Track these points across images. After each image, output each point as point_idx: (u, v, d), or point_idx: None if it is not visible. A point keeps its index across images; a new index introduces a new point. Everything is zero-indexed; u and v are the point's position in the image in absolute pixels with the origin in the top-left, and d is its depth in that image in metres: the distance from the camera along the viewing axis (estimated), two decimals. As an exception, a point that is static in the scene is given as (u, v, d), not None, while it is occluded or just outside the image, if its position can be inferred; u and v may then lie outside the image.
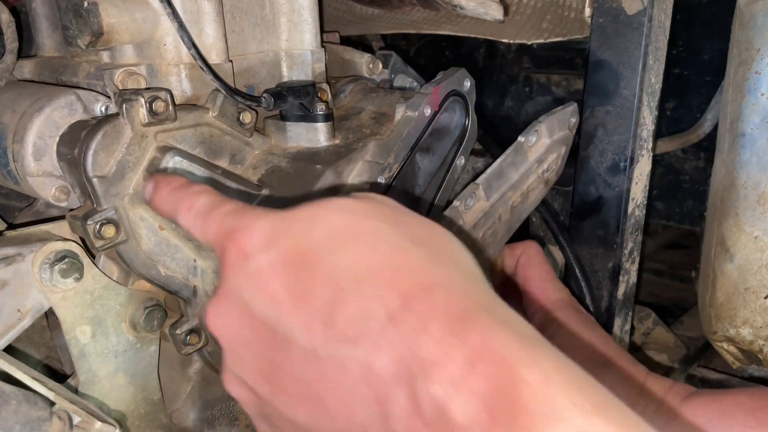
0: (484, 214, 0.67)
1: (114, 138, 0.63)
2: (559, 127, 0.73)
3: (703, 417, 0.58)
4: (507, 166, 0.68)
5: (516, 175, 0.69)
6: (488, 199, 0.67)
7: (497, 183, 0.68)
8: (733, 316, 0.85)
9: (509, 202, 0.70)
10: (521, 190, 0.70)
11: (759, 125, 0.81)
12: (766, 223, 0.80)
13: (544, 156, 0.72)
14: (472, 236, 0.66)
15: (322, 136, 0.72)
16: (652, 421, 0.58)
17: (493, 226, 0.70)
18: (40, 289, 0.61)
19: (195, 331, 0.72)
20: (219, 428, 0.80)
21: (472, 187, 0.66)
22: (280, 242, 0.41)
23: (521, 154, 0.69)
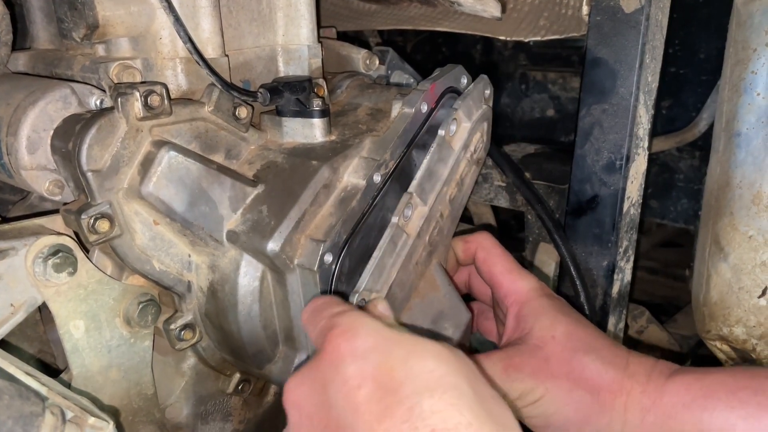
0: (425, 219, 0.65)
1: (109, 132, 0.62)
2: (475, 106, 0.71)
3: (687, 396, 0.58)
4: (435, 164, 0.66)
5: (446, 170, 0.67)
6: (425, 203, 0.65)
7: (430, 184, 0.66)
8: (727, 315, 0.85)
9: (446, 197, 0.68)
10: (455, 181, 0.69)
11: (754, 125, 0.81)
12: (760, 223, 0.80)
13: (468, 140, 0.70)
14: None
15: (318, 131, 0.72)
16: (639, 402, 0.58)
17: (437, 225, 0.68)
18: (34, 283, 0.60)
19: (189, 326, 0.72)
20: (212, 423, 0.80)
21: (405, 197, 0.64)
22: (377, 358, 0.46)
23: (446, 147, 0.67)
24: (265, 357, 0.72)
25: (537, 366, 0.63)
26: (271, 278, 0.69)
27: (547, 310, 0.67)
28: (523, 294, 0.69)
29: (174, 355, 0.75)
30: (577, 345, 0.64)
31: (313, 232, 0.66)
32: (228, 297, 0.69)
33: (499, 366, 0.63)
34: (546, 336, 0.64)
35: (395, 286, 0.64)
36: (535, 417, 0.63)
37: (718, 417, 0.56)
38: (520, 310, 0.68)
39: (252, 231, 0.66)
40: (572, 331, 0.65)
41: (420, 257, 0.67)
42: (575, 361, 0.63)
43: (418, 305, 0.68)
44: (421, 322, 0.67)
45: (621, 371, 0.62)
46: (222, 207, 0.68)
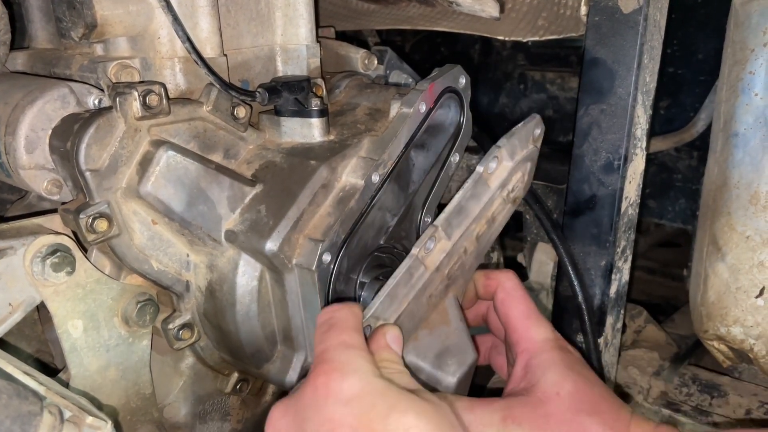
0: (447, 253, 0.63)
1: (107, 131, 0.62)
2: (521, 146, 0.67)
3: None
4: (467, 200, 0.64)
5: (478, 207, 0.65)
6: (449, 238, 0.63)
7: (458, 220, 0.64)
8: (724, 315, 0.85)
9: (474, 234, 0.66)
10: (486, 218, 0.67)
11: (752, 125, 0.81)
12: (758, 223, 0.81)
13: (507, 179, 0.67)
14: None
15: (317, 131, 0.72)
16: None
17: (459, 260, 0.66)
18: (32, 282, 0.60)
19: (187, 326, 0.72)
20: (211, 423, 0.80)
21: (430, 229, 0.62)
22: (358, 408, 0.49)
23: (482, 184, 0.64)
24: (263, 356, 0.72)
25: (537, 422, 0.61)
26: (270, 278, 0.69)
27: (556, 365, 0.65)
28: (536, 344, 0.67)
29: (172, 354, 0.75)
30: (581, 406, 0.62)
31: (311, 232, 0.66)
32: (226, 296, 0.69)
33: (498, 415, 0.61)
34: (551, 392, 0.63)
35: (404, 315, 0.62)
36: None
37: None
38: (529, 360, 0.66)
39: (250, 231, 0.66)
40: (579, 390, 0.63)
41: (435, 290, 0.66)
42: (576, 422, 0.61)
43: (426, 336, 0.66)
44: (425, 354, 0.66)
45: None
46: (220, 207, 0.68)
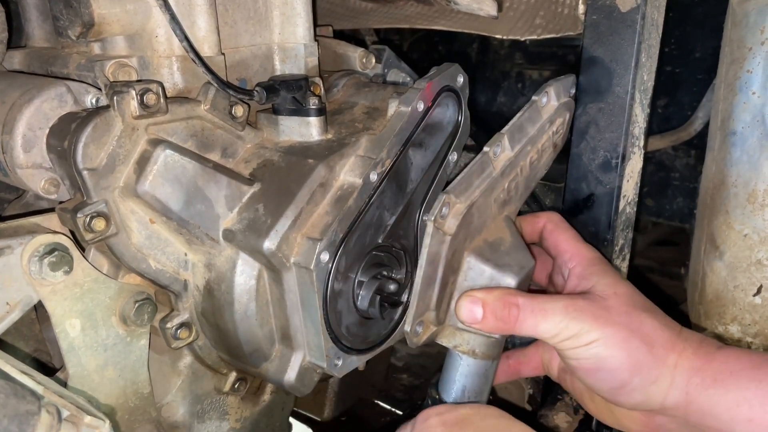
0: (510, 162, 0.72)
1: (104, 130, 0.62)
2: (564, 92, 0.77)
3: (736, 364, 0.61)
4: (525, 120, 0.73)
5: (533, 130, 0.74)
6: (512, 149, 0.72)
7: (519, 135, 0.73)
8: (722, 313, 0.85)
9: (528, 156, 0.75)
10: (537, 147, 0.75)
11: (750, 124, 0.81)
12: (755, 221, 0.81)
13: (553, 117, 0.76)
14: None
15: (315, 130, 0.72)
16: (690, 362, 0.62)
17: (516, 179, 0.74)
18: (29, 281, 0.60)
19: (185, 325, 0.72)
20: (209, 422, 0.80)
21: (498, 136, 0.71)
22: (451, 413, 0.64)
23: (536, 111, 0.74)
24: (262, 356, 0.72)
25: (598, 312, 0.65)
26: (268, 277, 0.69)
27: (609, 272, 0.71)
28: (587, 258, 0.73)
29: (170, 353, 0.75)
30: (638, 304, 0.67)
31: (309, 231, 0.66)
32: (224, 296, 0.69)
33: (561, 303, 0.65)
34: (608, 291, 0.68)
35: (475, 208, 0.68)
36: (586, 359, 0.65)
37: (764, 388, 0.59)
38: (583, 270, 0.72)
39: (248, 230, 0.66)
40: (633, 292, 0.69)
41: (498, 197, 0.73)
42: (634, 315, 0.65)
43: (488, 242, 0.72)
44: (489, 255, 0.70)
45: (675, 333, 0.65)
46: (218, 205, 0.68)
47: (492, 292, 0.68)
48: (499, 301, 0.66)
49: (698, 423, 0.63)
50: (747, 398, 0.59)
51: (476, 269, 0.71)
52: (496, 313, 0.67)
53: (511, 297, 0.67)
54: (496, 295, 0.67)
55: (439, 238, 0.67)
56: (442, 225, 0.66)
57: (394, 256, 0.74)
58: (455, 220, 0.67)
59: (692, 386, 0.62)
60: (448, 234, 0.67)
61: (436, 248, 0.67)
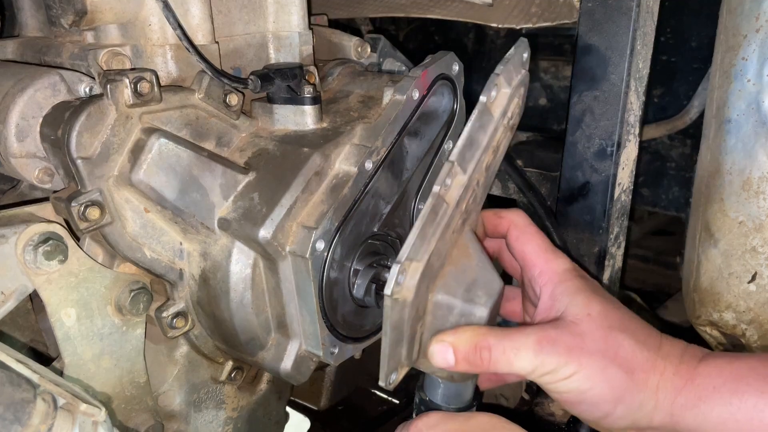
0: (464, 187, 0.64)
1: (98, 119, 0.62)
2: (515, 71, 0.68)
3: (718, 379, 0.59)
4: (476, 132, 0.65)
5: (485, 138, 0.66)
6: (465, 172, 0.64)
7: (470, 153, 0.65)
8: (717, 300, 0.86)
9: (483, 165, 0.67)
10: (492, 148, 0.68)
11: (745, 111, 0.81)
12: (750, 208, 0.81)
13: (507, 106, 0.68)
14: None
15: (310, 119, 0.72)
16: (672, 383, 0.60)
17: (474, 192, 0.68)
18: (24, 271, 0.60)
19: (181, 314, 0.72)
20: (205, 411, 0.80)
21: (447, 166, 0.63)
22: (442, 425, 0.64)
23: (486, 114, 0.66)
24: (258, 344, 0.72)
25: (572, 342, 0.62)
26: (263, 266, 0.69)
27: (582, 290, 0.66)
28: (558, 274, 0.68)
29: (166, 343, 0.75)
30: (613, 323, 0.63)
31: (304, 220, 0.66)
32: (220, 284, 0.69)
33: (532, 338, 0.62)
34: (581, 314, 0.64)
35: (433, 255, 0.62)
36: (567, 393, 0.63)
37: (748, 401, 0.57)
38: (554, 289, 0.68)
39: (243, 218, 0.66)
40: (607, 311, 0.64)
41: (456, 226, 0.66)
42: (610, 339, 0.62)
43: (452, 273, 0.67)
44: (455, 290, 0.66)
45: (654, 351, 0.62)
46: (213, 194, 0.68)
47: (462, 335, 0.64)
48: (470, 345, 0.63)
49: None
50: (732, 413, 0.58)
51: (445, 307, 0.66)
52: (468, 358, 0.64)
53: (481, 339, 0.63)
54: (466, 338, 0.64)
55: (400, 306, 0.61)
56: (400, 293, 0.60)
57: (389, 245, 0.74)
58: (413, 281, 0.60)
59: (677, 407, 0.61)
60: (408, 298, 0.61)
61: (398, 316, 0.61)
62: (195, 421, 0.79)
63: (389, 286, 0.58)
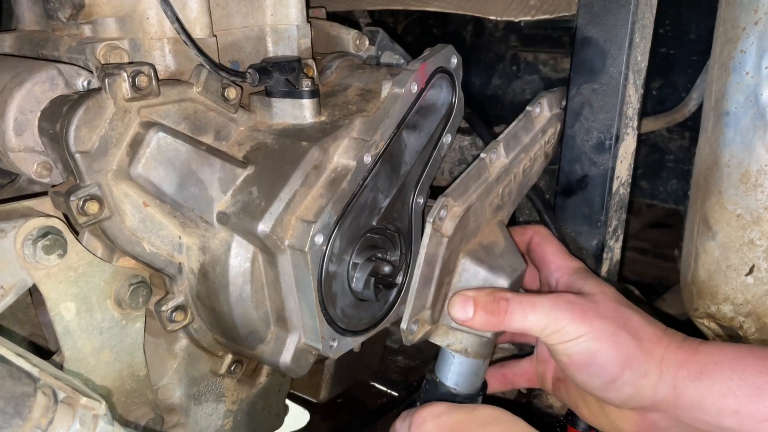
0: (505, 169, 0.76)
1: (96, 113, 0.62)
2: (555, 104, 0.82)
3: (720, 356, 0.62)
4: (519, 129, 0.78)
5: (527, 139, 0.79)
6: (507, 156, 0.76)
7: (514, 143, 0.77)
8: (715, 293, 0.86)
9: (522, 164, 0.79)
10: (530, 155, 0.80)
11: (743, 104, 0.81)
12: (748, 201, 0.81)
13: (546, 127, 0.81)
14: None
15: (308, 112, 0.72)
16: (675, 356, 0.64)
17: (510, 185, 0.78)
18: (23, 265, 0.60)
19: (181, 308, 0.72)
20: (206, 404, 0.80)
21: (494, 143, 0.75)
22: (446, 416, 0.64)
23: (530, 121, 0.79)
24: (257, 338, 0.72)
25: (586, 306, 0.67)
26: (262, 259, 0.69)
27: (594, 278, 0.74)
28: (573, 268, 0.76)
29: (166, 336, 0.75)
30: (623, 302, 0.70)
31: (303, 213, 0.66)
32: (219, 278, 0.69)
33: (549, 297, 0.67)
34: (595, 290, 0.70)
35: (471, 212, 0.71)
36: (577, 354, 0.66)
37: (747, 379, 0.60)
38: (569, 278, 0.75)
39: (242, 212, 0.66)
40: (618, 293, 0.71)
41: (493, 202, 0.76)
42: (621, 310, 0.68)
43: (482, 245, 0.75)
44: (483, 258, 0.73)
45: (661, 329, 0.67)
46: (212, 188, 0.68)
47: (483, 291, 0.71)
48: (489, 297, 0.69)
49: (688, 417, 0.65)
50: (732, 389, 0.61)
51: (471, 271, 0.73)
52: (486, 307, 0.68)
53: (500, 293, 0.69)
54: (486, 293, 0.70)
55: (437, 240, 0.69)
56: (440, 227, 0.68)
57: (388, 238, 0.74)
58: (452, 222, 0.69)
59: (679, 379, 0.64)
60: (446, 236, 0.69)
61: (434, 249, 0.69)
62: (195, 414, 0.79)
63: (432, 215, 0.68)
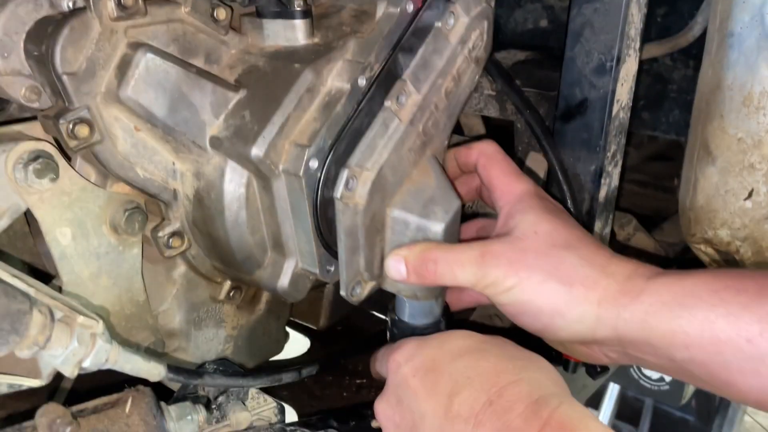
0: (419, 107, 0.68)
1: (82, 33, 0.60)
2: (474, 2, 0.72)
3: (667, 295, 0.59)
4: (429, 54, 0.69)
5: (441, 62, 0.69)
6: (419, 91, 0.68)
7: (424, 73, 0.68)
8: (712, 218, 0.86)
9: (442, 89, 0.70)
10: (451, 75, 0.71)
11: (748, 24, 0.79)
12: (750, 125, 0.80)
13: (466, 35, 0.71)
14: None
15: (301, 33, 0.70)
16: (615, 299, 0.60)
17: (432, 117, 0.70)
18: (15, 189, 0.60)
19: (177, 234, 0.72)
20: (206, 329, 0.81)
21: (399, 84, 0.67)
22: (418, 355, 0.64)
23: (441, 39, 0.69)
24: (254, 263, 0.72)
25: (514, 257, 0.64)
26: (257, 185, 0.68)
27: (534, 209, 0.68)
28: (516, 195, 0.70)
29: (164, 263, 0.76)
30: (557, 241, 0.65)
31: (297, 137, 0.65)
32: (214, 204, 0.69)
33: (476, 252, 0.65)
34: (528, 231, 0.66)
35: (386, 168, 0.66)
36: (509, 304, 0.66)
37: (698, 315, 0.56)
38: (510, 209, 0.69)
39: (235, 137, 0.66)
40: (555, 229, 0.66)
41: (413, 145, 0.69)
42: (552, 255, 0.64)
43: (410, 191, 0.70)
44: (412, 206, 0.69)
45: (598, 269, 0.63)
46: (204, 112, 0.67)
47: (414, 249, 0.68)
48: (419, 258, 0.67)
49: (636, 351, 0.62)
50: (681, 326, 0.57)
51: (402, 222, 0.69)
52: (416, 270, 0.67)
53: (429, 253, 0.67)
54: (416, 252, 0.68)
55: (352, 211, 0.64)
56: (351, 199, 0.64)
57: (384, 164, 0.73)
58: (364, 188, 0.64)
59: (621, 322, 0.61)
60: (360, 204, 0.64)
61: (350, 221, 0.65)
62: (196, 338, 0.81)
63: (338, 190, 0.63)
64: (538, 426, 0.52)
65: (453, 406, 0.57)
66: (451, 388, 0.59)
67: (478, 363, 0.60)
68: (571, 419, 0.52)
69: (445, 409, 0.58)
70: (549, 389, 0.57)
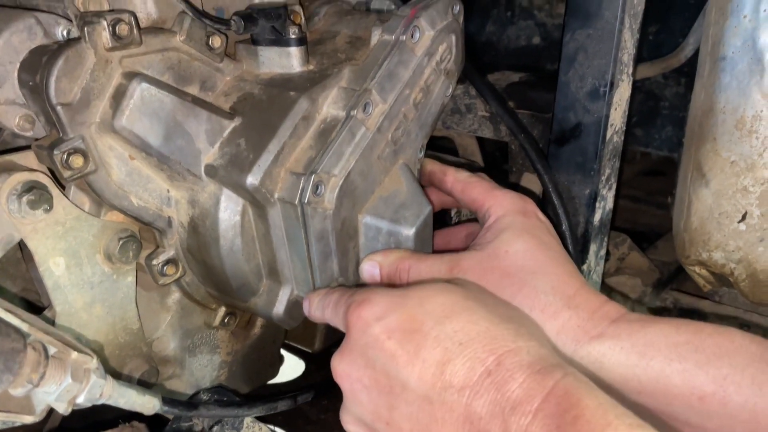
0: (386, 116, 0.69)
1: (77, 63, 0.60)
2: (439, 17, 0.73)
3: (627, 342, 0.57)
4: (395, 66, 0.70)
5: (407, 73, 0.71)
6: (386, 101, 0.69)
7: (390, 84, 0.69)
8: (707, 240, 0.86)
9: (410, 99, 0.72)
10: (419, 86, 0.72)
11: (740, 48, 0.80)
12: (742, 148, 0.80)
13: (432, 48, 0.73)
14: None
15: (296, 61, 0.70)
16: (574, 334, 0.59)
17: (402, 126, 0.72)
18: (9, 220, 0.60)
19: (171, 261, 0.71)
20: (200, 356, 0.81)
21: (365, 93, 0.68)
22: (393, 314, 0.55)
23: (406, 51, 0.71)
24: (250, 290, 0.72)
25: (479, 274, 0.63)
26: (252, 213, 0.68)
27: (513, 227, 0.66)
28: (502, 209, 0.69)
29: (158, 290, 0.75)
30: (527, 263, 0.63)
31: (292, 166, 0.65)
32: (209, 232, 0.68)
33: (446, 265, 0.65)
34: (500, 249, 0.64)
35: (355, 174, 0.67)
36: None
37: (654, 367, 0.56)
38: (492, 223, 0.68)
39: (230, 165, 0.65)
40: (529, 250, 0.64)
41: (383, 153, 0.71)
42: (517, 277, 0.62)
43: (382, 198, 0.71)
44: (384, 212, 0.70)
45: (563, 299, 0.61)
46: (199, 140, 0.66)
47: (389, 256, 0.69)
48: (392, 265, 0.68)
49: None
50: (636, 374, 0.56)
51: (374, 228, 0.70)
52: (390, 277, 0.68)
53: (402, 262, 0.67)
54: (390, 259, 0.68)
55: (321, 216, 0.65)
56: (320, 203, 0.64)
57: (379, 189, 0.73)
58: (332, 194, 0.65)
59: (576, 357, 0.59)
60: (329, 209, 0.65)
61: (320, 226, 0.65)
62: (190, 365, 0.80)
63: (305, 197, 0.64)
64: (541, 397, 0.47)
65: (444, 376, 0.51)
66: (441, 355, 0.52)
67: (469, 326, 0.54)
68: (577, 389, 0.47)
69: (434, 377, 0.51)
70: (547, 357, 0.52)
